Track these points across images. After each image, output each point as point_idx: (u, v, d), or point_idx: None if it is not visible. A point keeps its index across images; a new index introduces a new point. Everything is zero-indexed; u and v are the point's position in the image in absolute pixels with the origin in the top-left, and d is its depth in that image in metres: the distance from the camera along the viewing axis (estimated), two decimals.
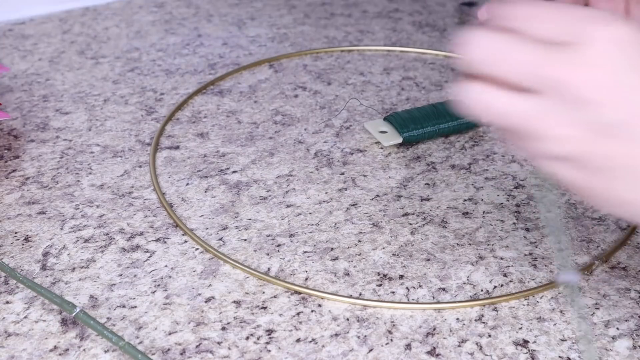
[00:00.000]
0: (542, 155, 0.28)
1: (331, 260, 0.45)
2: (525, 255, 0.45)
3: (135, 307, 0.41)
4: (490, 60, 0.27)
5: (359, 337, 0.39)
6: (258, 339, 0.39)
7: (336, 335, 0.39)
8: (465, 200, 0.50)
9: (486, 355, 0.38)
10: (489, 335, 0.40)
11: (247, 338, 0.39)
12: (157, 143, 0.56)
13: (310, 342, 0.39)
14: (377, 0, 0.85)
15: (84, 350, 0.38)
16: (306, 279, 0.43)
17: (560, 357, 0.38)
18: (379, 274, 0.44)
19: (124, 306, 0.41)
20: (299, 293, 0.42)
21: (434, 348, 0.39)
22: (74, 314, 0.39)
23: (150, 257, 0.45)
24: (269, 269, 0.44)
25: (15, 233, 0.47)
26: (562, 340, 0.39)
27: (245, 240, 0.46)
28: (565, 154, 0.27)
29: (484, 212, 0.49)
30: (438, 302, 0.41)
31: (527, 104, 0.27)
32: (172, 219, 0.48)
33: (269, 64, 0.69)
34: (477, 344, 0.39)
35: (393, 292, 0.42)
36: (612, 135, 0.26)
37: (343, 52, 0.71)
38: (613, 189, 0.27)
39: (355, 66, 0.68)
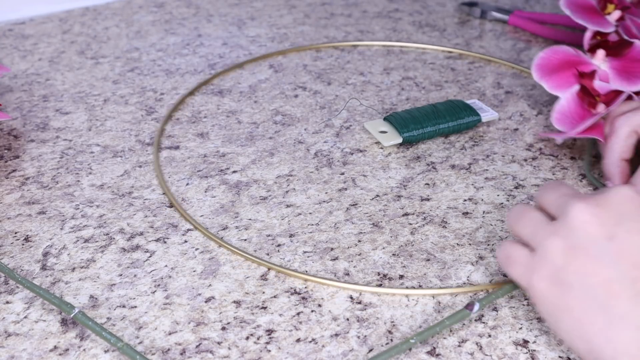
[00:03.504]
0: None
1: (331, 260, 0.45)
2: None
3: (135, 307, 0.41)
4: (514, 224, 0.39)
5: (359, 337, 0.39)
6: (258, 339, 0.39)
7: (336, 335, 0.39)
8: (465, 200, 0.50)
9: (486, 355, 0.38)
10: (489, 335, 0.40)
11: (247, 338, 0.39)
12: (158, 143, 0.56)
13: (310, 342, 0.39)
14: (377, 0, 0.85)
15: (84, 350, 0.38)
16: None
17: (560, 357, 0.38)
18: (379, 274, 0.44)
19: (124, 306, 0.41)
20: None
21: (434, 348, 0.39)
22: (72, 315, 0.39)
23: (150, 257, 0.45)
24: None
25: (15, 233, 0.47)
26: (562, 340, 0.39)
27: (245, 240, 0.46)
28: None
29: (484, 212, 0.49)
30: (431, 288, 0.41)
31: (526, 257, 0.38)
32: (184, 218, 0.48)
33: (265, 61, 0.69)
34: (477, 344, 0.39)
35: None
36: (566, 286, 0.35)
37: (337, 48, 0.71)
38: (559, 326, 0.36)
39: (355, 66, 0.68)
